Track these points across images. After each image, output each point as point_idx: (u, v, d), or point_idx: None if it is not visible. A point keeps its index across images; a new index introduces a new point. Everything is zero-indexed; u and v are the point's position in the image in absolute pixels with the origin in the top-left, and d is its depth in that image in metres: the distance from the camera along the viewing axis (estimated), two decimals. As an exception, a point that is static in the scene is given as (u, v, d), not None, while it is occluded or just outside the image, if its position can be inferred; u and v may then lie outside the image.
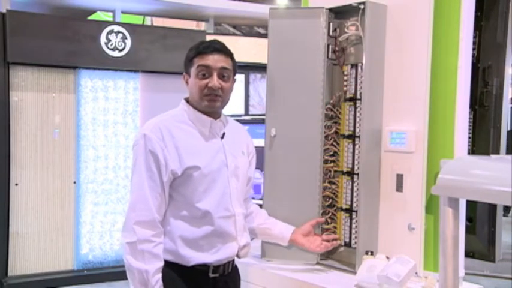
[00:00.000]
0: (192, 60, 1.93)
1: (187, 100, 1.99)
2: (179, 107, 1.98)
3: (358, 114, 2.16)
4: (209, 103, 1.91)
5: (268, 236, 2.21)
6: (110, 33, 5.03)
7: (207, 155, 1.90)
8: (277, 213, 2.26)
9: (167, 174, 1.84)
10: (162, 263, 1.84)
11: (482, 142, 3.38)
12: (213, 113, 1.96)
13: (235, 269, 2.05)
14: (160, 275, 1.83)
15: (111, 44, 5.04)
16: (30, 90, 4.79)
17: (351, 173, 2.18)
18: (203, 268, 1.90)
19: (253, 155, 2.14)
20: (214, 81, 1.89)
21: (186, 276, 1.89)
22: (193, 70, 1.92)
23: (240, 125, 2.15)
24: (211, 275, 1.91)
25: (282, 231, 2.18)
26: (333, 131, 2.23)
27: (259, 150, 2.29)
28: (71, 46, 4.86)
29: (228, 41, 2.20)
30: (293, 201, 2.25)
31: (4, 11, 4.75)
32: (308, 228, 2.18)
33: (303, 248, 2.17)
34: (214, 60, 1.90)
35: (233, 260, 2.01)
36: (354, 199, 2.16)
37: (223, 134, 1.97)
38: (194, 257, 1.88)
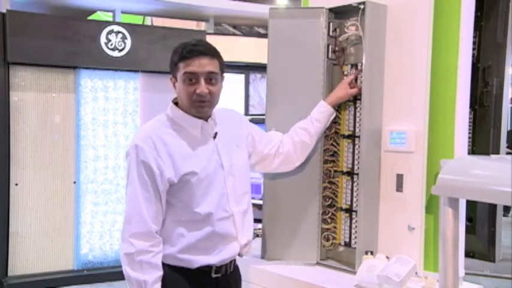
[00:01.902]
0: (177, 65, 1.87)
1: (175, 103, 1.94)
2: (168, 110, 1.94)
3: (358, 114, 2.16)
4: (198, 109, 1.88)
5: (314, 134, 2.16)
6: (110, 33, 5.03)
7: (202, 158, 1.88)
8: (277, 213, 2.26)
9: (163, 183, 1.82)
10: (161, 273, 1.83)
11: (482, 142, 3.37)
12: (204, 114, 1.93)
13: (236, 268, 2.05)
14: (159, 284, 1.82)
15: (111, 44, 5.04)
16: (30, 90, 4.79)
17: (351, 173, 2.18)
18: (206, 269, 1.90)
19: (251, 137, 2.09)
20: (203, 87, 1.84)
21: (189, 278, 1.89)
22: (179, 76, 1.87)
23: (229, 112, 2.09)
24: (213, 275, 1.91)
25: (318, 117, 2.15)
26: (332, 131, 2.23)
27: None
28: (71, 46, 4.86)
29: (228, 41, 2.20)
30: (293, 201, 2.25)
31: (4, 11, 4.75)
32: (334, 93, 2.17)
33: (345, 97, 2.15)
34: (200, 64, 1.84)
35: (234, 260, 2.01)
36: (354, 199, 2.16)
37: (216, 133, 1.95)
38: (197, 260, 1.88)
